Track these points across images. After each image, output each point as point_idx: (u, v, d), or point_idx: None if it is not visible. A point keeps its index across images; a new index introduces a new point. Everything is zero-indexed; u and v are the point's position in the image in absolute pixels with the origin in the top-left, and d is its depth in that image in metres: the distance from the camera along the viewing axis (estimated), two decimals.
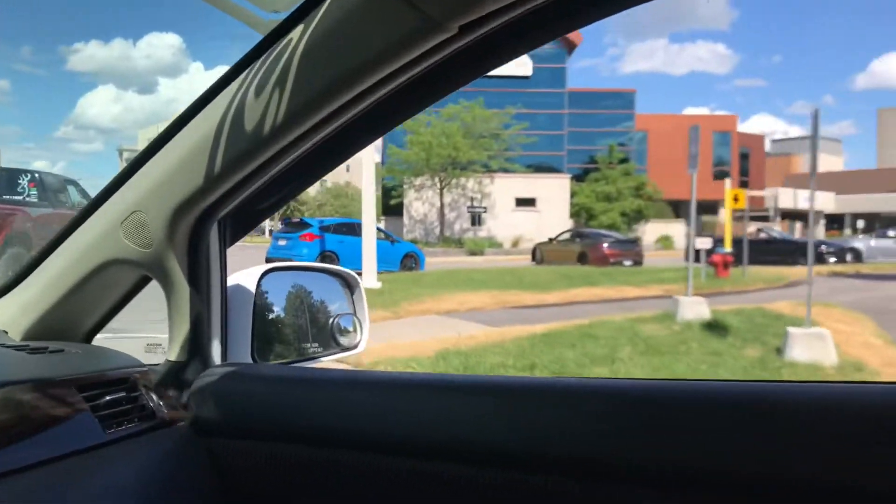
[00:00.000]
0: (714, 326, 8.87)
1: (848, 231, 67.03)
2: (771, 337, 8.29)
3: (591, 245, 24.87)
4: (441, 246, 36.37)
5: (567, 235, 28.58)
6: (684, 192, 51.55)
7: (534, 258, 27.28)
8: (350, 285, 1.59)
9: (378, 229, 24.68)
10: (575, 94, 46.59)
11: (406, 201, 40.78)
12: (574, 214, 44.31)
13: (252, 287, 1.25)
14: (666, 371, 6.47)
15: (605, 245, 24.59)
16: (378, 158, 41.29)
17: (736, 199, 16.12)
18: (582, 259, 24.13)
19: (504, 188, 41.44)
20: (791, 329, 7.35)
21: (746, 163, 58.26)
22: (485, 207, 41.09)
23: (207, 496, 1.06)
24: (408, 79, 0.91)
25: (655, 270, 18.46)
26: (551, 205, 42.70)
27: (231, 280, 1.22)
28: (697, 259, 26.43)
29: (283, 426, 1.04)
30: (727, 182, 15.48)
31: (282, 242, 20.83)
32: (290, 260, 20.57)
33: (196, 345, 1.13)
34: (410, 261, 22.30)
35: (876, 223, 66.75)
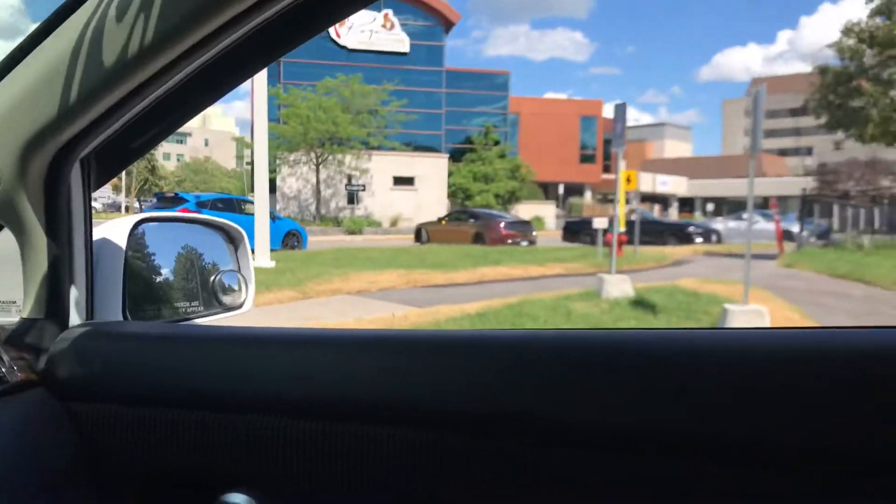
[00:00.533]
0: (642, 304, 9.13)
1: (698, 213, 72.09)
2: (701, 315, 8.66)
3: (487, 225, 25.02)
4: (318, 224, 35.64)
5: (457, 216, 28.47)
6: (554, 173, 53.61)
7: (418, 238, 26.77)
8: (233, 240, 1.47)
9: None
10: (452, 73, 46.83)
11: (279, 177, 39.57)
12: (451, 194, 44.67)
13: (123, 239, 1.15)
14: None
15: (503, 225, 24.84)
16: (248, 132, 39.92)
17: (629, 181, 16.72)
18: (478, 239, 24.22)
19: (382, 166, 41.12)
20: (729, 306, 7.68)
21: (609, 148, 60.90)
22: (363, 185, 40.56)
23: (68, 464, 0.97)
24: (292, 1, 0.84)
25: (549, 250, 18.97)
26: (429, 184, 42.83)
27: (98, 231, 1.12)
28: (573, 238, 27.28)
29: (155, 388, 0.97)
30: (622, 164, 15.97)
31: None
32: None
33: (55, 301, 1.04)
34: (293, 239, 21.69)
35: (723, 206, 72.26)
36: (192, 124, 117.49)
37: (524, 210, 47.42)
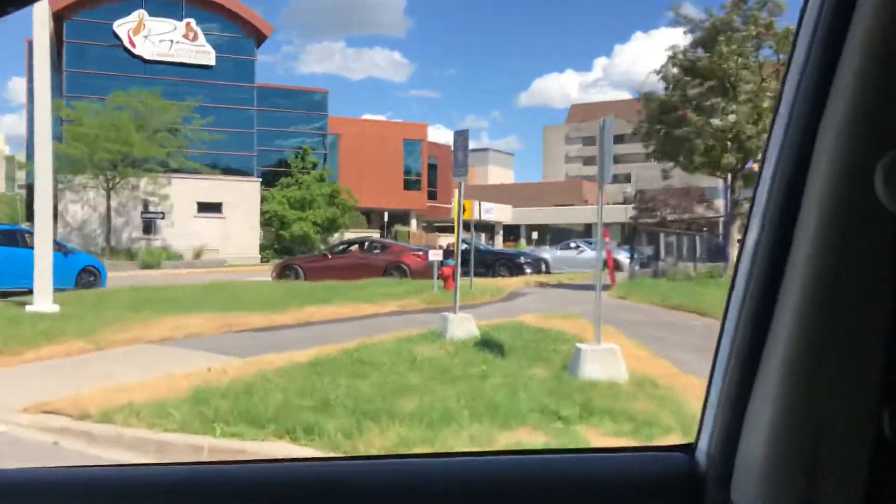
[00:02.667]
0: (489, 345, 8.95)
1: (523, 242, 75.24)
2: (550, 354, 8.58)
3: (403, 255, 23.44)
4: (109, 258, 33.09)
5: (345, 247, 26.23)
6: (377, 200, 53.66)
7: (282, 276, 24.02)
8: None
9: None
10: (265, 89, 45.71)
11: (61, 204, 36.41)
12: (265, 222, 43.34)
13: None
14: (476, 398, 6.26)
15: (422, 252, 22.80)
16: (19, 151, 36.51)
17: (463, 210, 16.78)
18: (396, 272, 22.25)
19: (184, 191, 39.16)
20: (582, 346, 7.60)
21: (435, 173, 61.88)
22: (162, 213, 38.34)
23: None
24: None
25: (379, 284, 18.66)
26: (239, 211, 41.35)
27: None
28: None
29: None
30: (456, 192, 16.02)
31: None
32: None
33: None
34: (89, 276, 19.87)
35: (547, 233, 76.06)
36: None
37: (348, 238, 47.04)
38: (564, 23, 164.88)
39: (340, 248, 26.21)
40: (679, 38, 24.21)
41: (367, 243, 25.82)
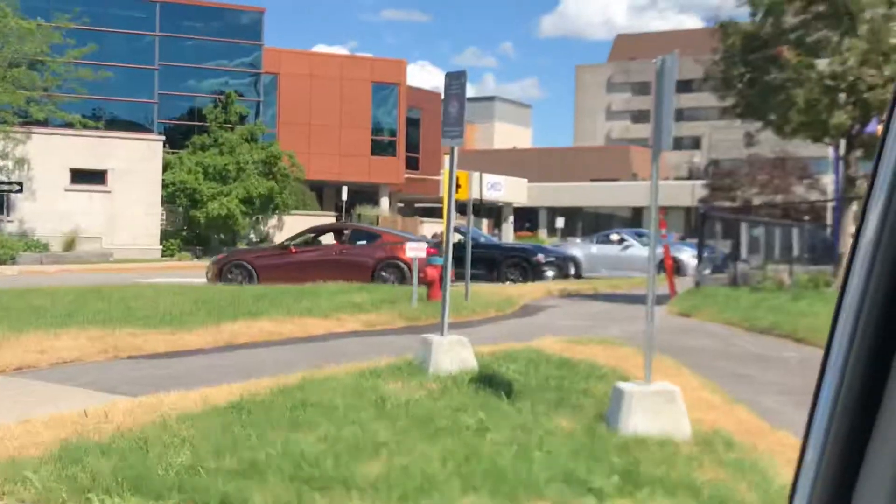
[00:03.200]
0: (491, 382, 8.98)
1: (544, 232, 75.45)
2: (578, 396, 8.63)
3: (397, 247, 23.13)
4: None
5: (317, 236, 26.09)
6: (333, 170, 53.84)
7: (223, 276, 23.81)
8: None
9: None
10: (171, 6, 45.68)
11: None
12: (170, 199, 43.35)
13: None
14: (470, 461, 6.29)
15: (426, 246, 23.10)
16: None
17: (457, 186, 16.85)
18: (387, 271, 22.51)
19: (52, 152, 39.27)
20: (625, 386, 7.63)
21: (416, 132, 62.02)
22: (18, 183, 38.33)
23: None
24: None
25: (338, 290, 18.74)
26: (132, 182, 41.44)
27: None
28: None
29: None
30: (447, 160, 16.01)
31: None
32: None
33: None
34: None
35: (578, 221, 76.32)
36: None
37: (290, 223, 47.13)
38: None
39: (309, 237, 26.11)
40: None
41: (347, 231, 25.72)
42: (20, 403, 8.77)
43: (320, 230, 26.80)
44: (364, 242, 24.14)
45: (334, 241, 25.09)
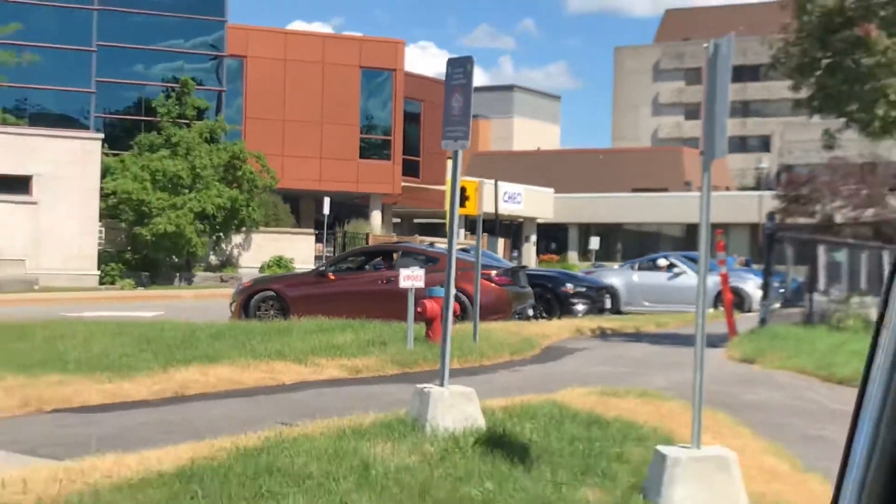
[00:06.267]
0: (502, 444, 9.01)
1: (574, 255, 75.50)
2: (611, 462, 8.64)
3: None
4: None
5: (365, 259, 26.60)
6: (309, 175, 53.97)
7: (249, 310, 24.32)
8: None
9: None
10: None
11: None
12: (110, 211, 43.47)
13: None
14: None
15: (494, 273, 23.91)
16: None
17: (465, 198, 16.97)
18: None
19: None
20: (668, 451, 7.65)
21: (416, 130, 62.15)
22: None
23: None
24: None
25: (315, 328, 18.80)
26: (64, 191, 41.43)
27: None
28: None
29: None
30: (454, 162, 16.21)
31: None
32: None
33: None
34: None
35: (617, 241, 76.37)
36: None
37: (259, 243, 47.27)
38: None
39: (350, 262, 26.63)
40: None
41: (397, 254, 25.98)
42: None
43: (365, 252, 27.91)
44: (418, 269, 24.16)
45: (383, 266, 25.05)
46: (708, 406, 8.16)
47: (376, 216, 58.79)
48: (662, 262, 34.97)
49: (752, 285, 30.05)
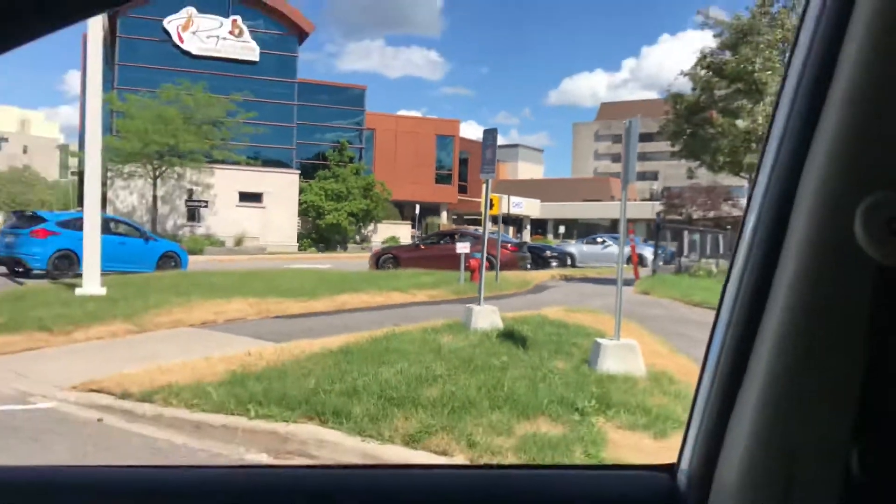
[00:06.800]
0: (511, 337, 8.96)
1: (550, 236, 74.76)
2: (570, 347, 8.58)
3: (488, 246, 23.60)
4: None
5: (438, 238, 26.60)
6: (410, 193, 53.76)
7: (377, 265, 24.07)
8: None
9: (128, 224, 22.03)
10: (305, 85, 45.79)
11: (110, 191, 36.97)
12: (302, 212, 43.65)
13: None
14: (497, 388, 6.29)
15: (509, 245, 24.32)
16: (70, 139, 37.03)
17: (491, 206, 16.83)
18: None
19: (227, 181, 39.55)
20: (602, 341, 7.59)
21: (466, 168, 61.64)
22: (205, 201, 38.78)
23: None
24: None
25: (411, 275, 18.72)
26: (278, 201, 41.66)
27: None
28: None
29: None
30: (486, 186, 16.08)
31: (9, 239, 17.84)
32: (21, 262, 17.54)
33: None
34: (170, 261, 20.49)
35: (574, 228, 75.49)
36: (10, 128, 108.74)
37: (381, 230, 47.20)
38: (594, 24, 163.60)
39: (431, 239, 26.92)
40: (707, 40, 23.93)
41: (457, 235, 25.56)
42: (204, 347, 8.91)
43: (440, 234, 27.77)
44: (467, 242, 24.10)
45: (449, 241, 24.52)
46: (624, 317, 8.08)
47: (444, 214, 58.46)
48: (598, 239, 34.65)
49: (648, 252, 29.70)
